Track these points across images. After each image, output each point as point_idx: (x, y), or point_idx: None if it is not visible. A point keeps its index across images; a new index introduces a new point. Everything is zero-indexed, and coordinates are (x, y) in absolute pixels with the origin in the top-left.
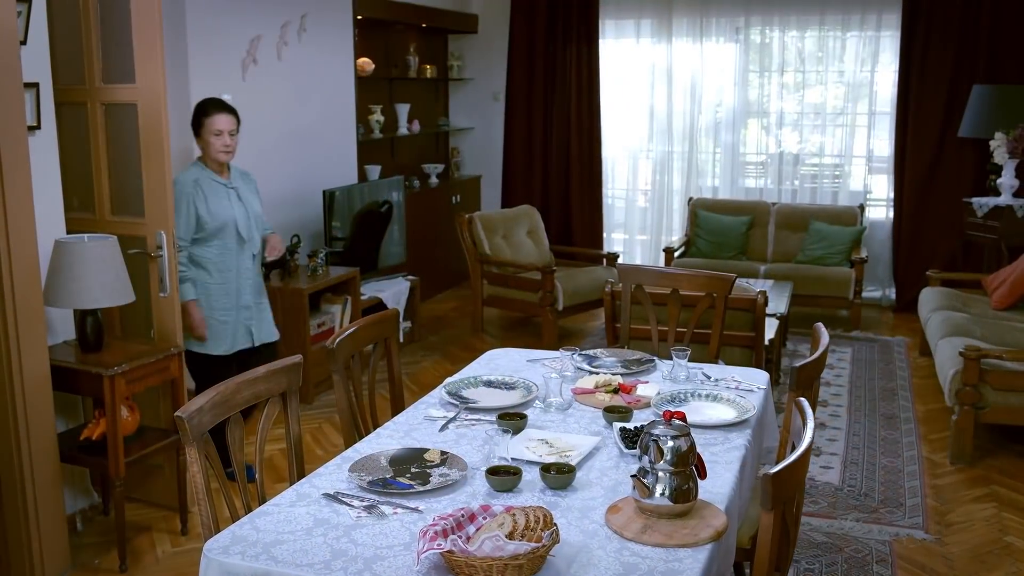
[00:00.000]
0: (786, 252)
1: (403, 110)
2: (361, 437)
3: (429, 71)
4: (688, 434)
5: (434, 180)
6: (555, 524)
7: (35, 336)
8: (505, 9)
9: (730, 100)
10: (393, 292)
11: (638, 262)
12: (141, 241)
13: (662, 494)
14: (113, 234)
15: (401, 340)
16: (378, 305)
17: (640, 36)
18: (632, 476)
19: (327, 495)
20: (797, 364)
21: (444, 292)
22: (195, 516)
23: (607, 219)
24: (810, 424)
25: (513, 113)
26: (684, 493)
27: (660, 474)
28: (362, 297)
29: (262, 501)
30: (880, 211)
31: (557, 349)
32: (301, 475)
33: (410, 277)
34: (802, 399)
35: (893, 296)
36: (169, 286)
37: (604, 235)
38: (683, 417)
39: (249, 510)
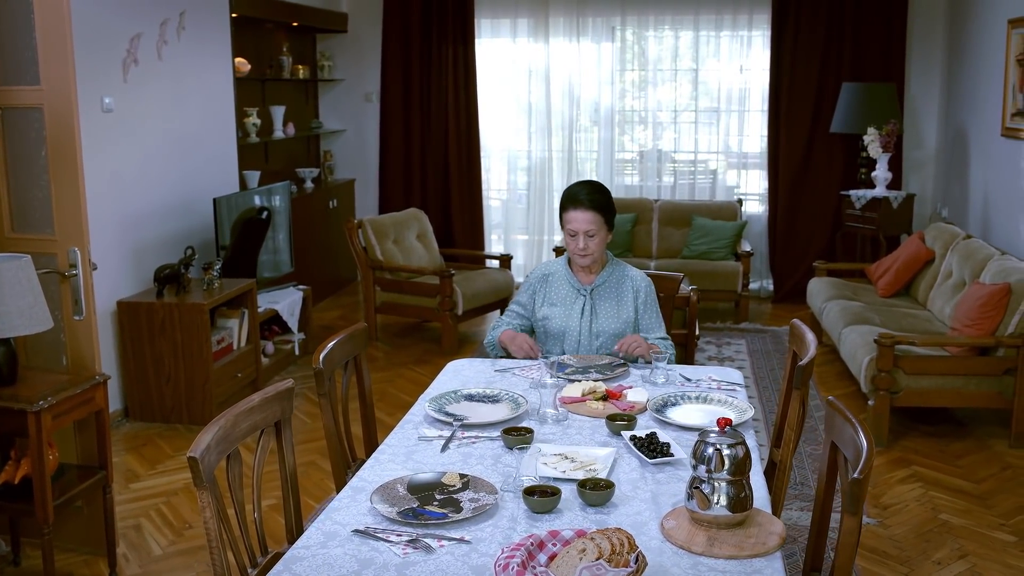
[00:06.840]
0: (670, 248)
1: (278, 112)
2: (348, 464)
3: (302, 72)
4: (743, 442)
5: (309, 185)
6: (638, 547)
7: None
8: (376, 8)
9: (607, 99)
10: (288, 303)
11: (520, 263)
12: (50, 260)
13: (719, 504)
14: (18, 252)
15: (296, 353)
16: (275, 318)
17: (517, 36)
18: (694, 488)
19: (357, 531)
20: (802, 363)
21: (325, 300)
22: (122, 559)
23: (486, 220)
24: (859, 427)
25: (388, 114)
26: (741, 502)
27: (717, 484)
28: (258, 310)
29: (262, 540)
30: (754, 205)
31: (458, 354)
32: (297, 509)
33: (301, 287)
34: (835, 399)
35: (771, 287)
36: (84, 307)
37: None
38: (731, 423)
39: (251, 552)
